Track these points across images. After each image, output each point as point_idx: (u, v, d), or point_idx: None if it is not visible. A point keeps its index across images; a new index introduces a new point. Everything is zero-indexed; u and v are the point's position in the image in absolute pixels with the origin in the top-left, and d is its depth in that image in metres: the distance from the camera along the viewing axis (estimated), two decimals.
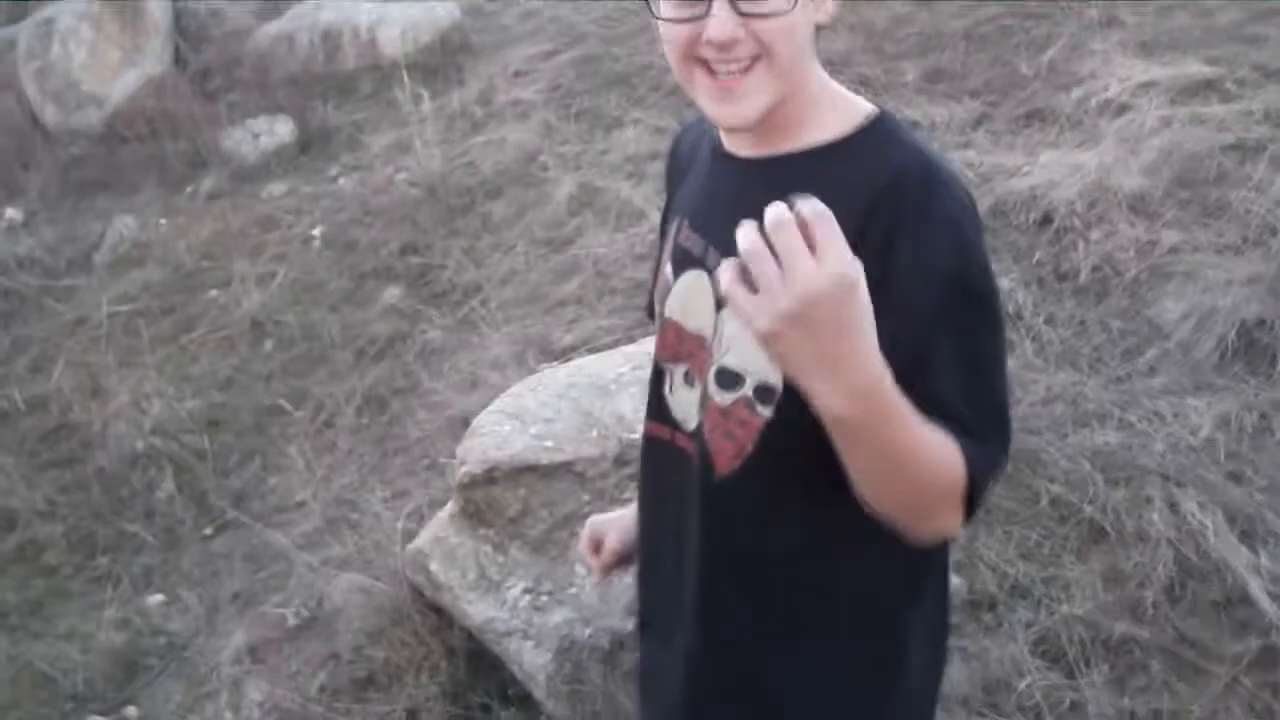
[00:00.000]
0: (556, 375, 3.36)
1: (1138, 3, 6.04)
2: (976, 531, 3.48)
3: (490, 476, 3.13)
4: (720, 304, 1.53)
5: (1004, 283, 4.45)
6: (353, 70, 7.27)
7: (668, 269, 1.67)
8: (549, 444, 3.13)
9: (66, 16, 7.37)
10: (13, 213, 6.74)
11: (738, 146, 1.58)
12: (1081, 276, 4.49)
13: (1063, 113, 5.45)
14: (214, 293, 5.75)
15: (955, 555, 3.39)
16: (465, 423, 3.64)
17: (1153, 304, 4.29)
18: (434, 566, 3.29)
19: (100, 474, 4.87)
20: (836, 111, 1.54)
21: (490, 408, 3.30)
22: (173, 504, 4.69)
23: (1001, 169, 5.10)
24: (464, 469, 3.14)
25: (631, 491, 2.91)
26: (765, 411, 1.51)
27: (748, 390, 1.52)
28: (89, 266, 6.21)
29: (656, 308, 1.71)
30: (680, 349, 1.63)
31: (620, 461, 3.11)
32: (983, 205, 4.80)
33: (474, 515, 3.22)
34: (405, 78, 6.53)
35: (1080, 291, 4.46)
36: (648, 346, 2.68)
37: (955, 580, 3.31)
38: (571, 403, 3.19)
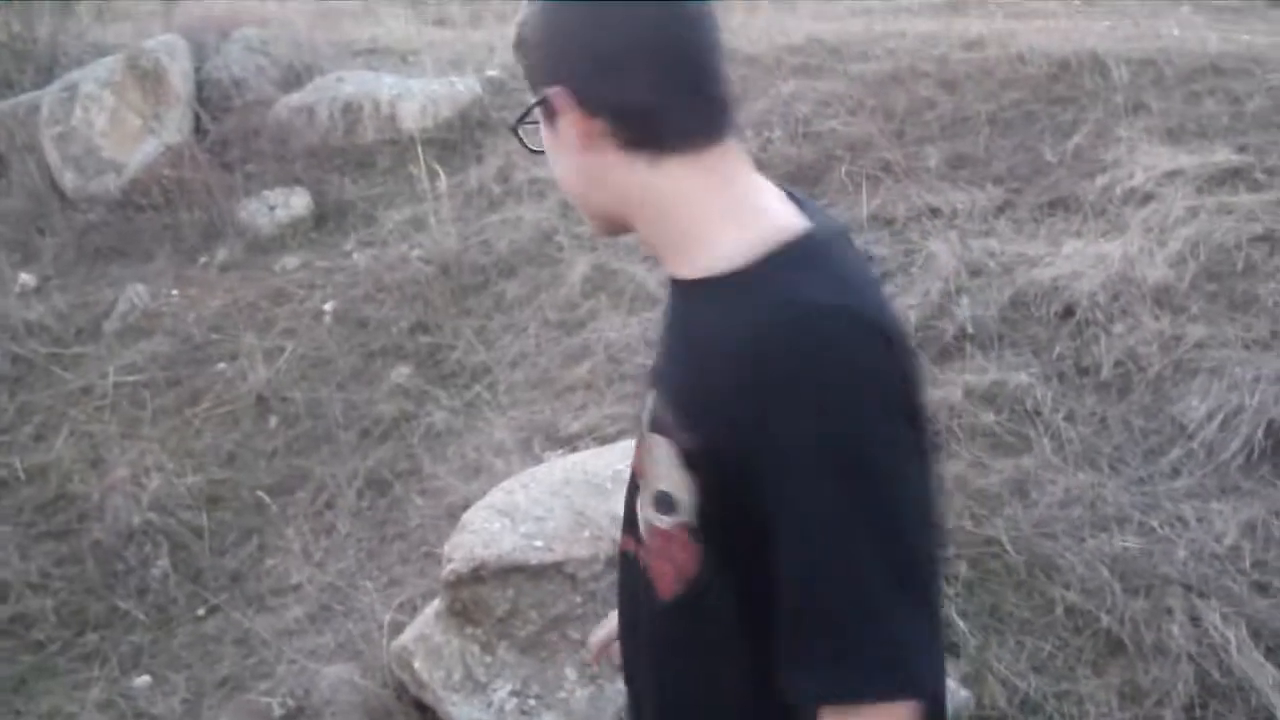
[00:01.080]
0: (551, 471, 3.26)
1: (1165, 88, 5.93)
2: (987, 641, 3.35)
3: (478, 575, 3.02)
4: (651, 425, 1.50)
5: (1022, 377, 4.35)
6: (371, 144, 7.22)
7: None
8: (539, 543, 3.02)
9: (89, 83, 7.37)
10: (26, 277, 6.70)
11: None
12: (1103, 371, 4.38)
13: (1087, 201, 5.36)
14: (221, 366, 5.68)
15: (964, 667, 3.26)
16: (466, 509, 3.54)
17: (1177, 401, 4.17)
18: (419, 664, 3.17)
19: (96, 547, 4.79)
20: (741, 233, 1.43)
21: (480, 503, 3.20)
22: (167, 582, 4.61)
23: (1023, 259, 5.00)
24: (450, 567, 3.04)
25: None
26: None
27: (686, 517, 1.43)
28: (98, 334, 6.15)
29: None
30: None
31: (613, 563, 3.00)
32: (1003, 296, 4.74)
33: (461, 614, 3.11)
34: (421, 154, 6.49)
35: (1102, 387, 4.34)
36: None
37: (963, 694, 3.18)
38: (565, 500, 3.08)
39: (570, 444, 3.99)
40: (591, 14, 1.45)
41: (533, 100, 1.52)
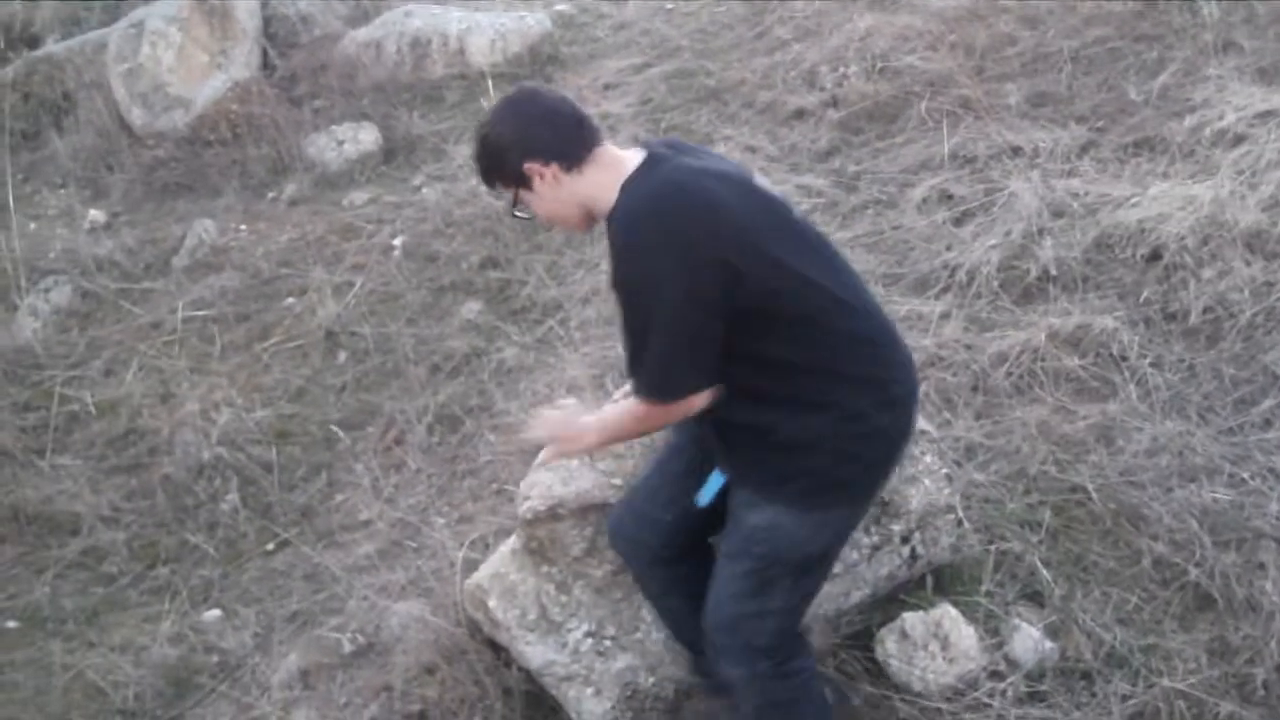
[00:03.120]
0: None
1: (1257, 26, 5.74)
2: (1072, 591, 3.28)
3: (555, 513, 2.96)
4: None
5: (1108, 321, 4.24)
6: (440, 79, 7.14)
7: None
8: (618, 481, 2.95)
9: (156, 19, 7.32)
10: (96, 214, 6.70)
11: None
12: (1192, 318, 4.27)
13: (1174, 142, 5.21)
14: (290, 301, 5.65)
15: (1048, 617, 3.19)
16: (538, 449, 3.49)
17: (1269, 350, 4.06)
18: (493, 603, 3.13)
19: (166, 482, 4.79)
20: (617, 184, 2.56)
21: None
22: (236, 517, 4.60)
23: (1108, 200, 4.88)
24: (528, 504, 2.98)
25: None
26: None
27: None
28: (167, 270, 6.13)
29: None
30: None
31: None
32: (1087, 238, 4.64)
33: (537, 552, 3.05)
34: (492, 87, 6.40)
35: (1190, 334, 4.23)
36: None
37: (1048, 644, 3.10)
38: (644, 438, 3.01)
39: None
40: (506, 128, 2.61)
41: (508, 189, 2.65)
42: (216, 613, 4.16)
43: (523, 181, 2.59)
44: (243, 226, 6.35)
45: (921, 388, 3.90)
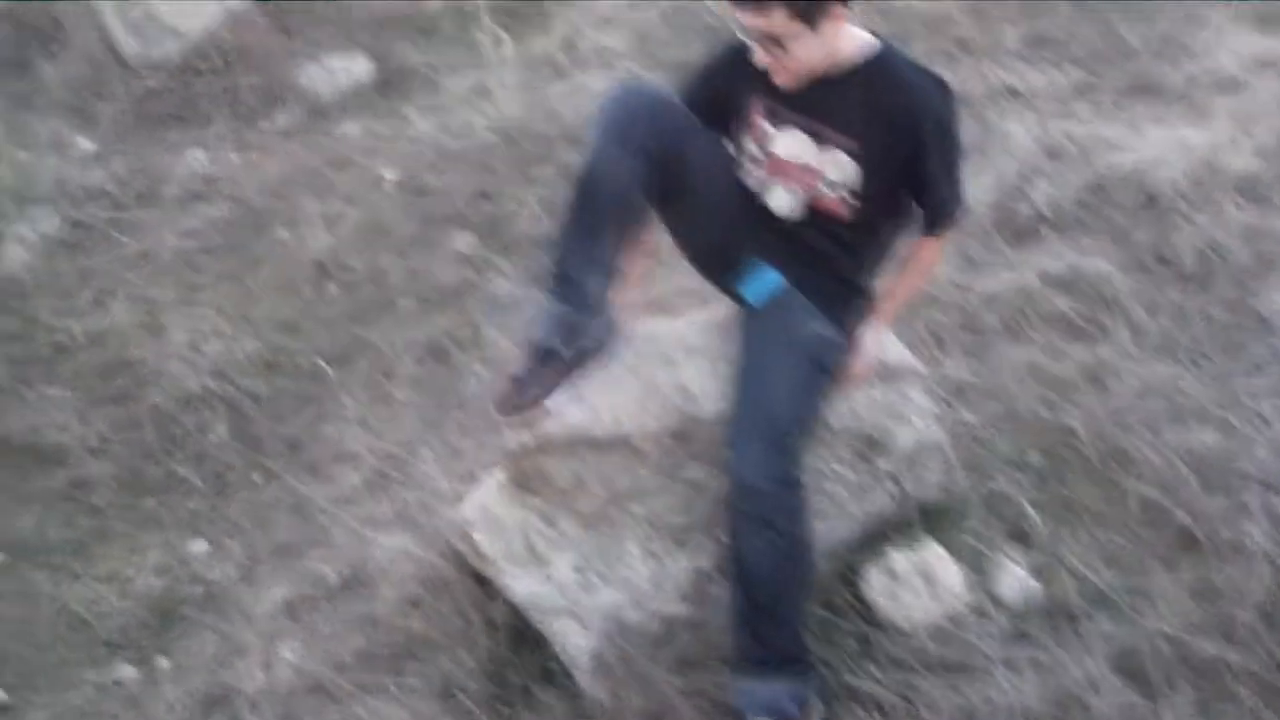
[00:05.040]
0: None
1: None
2: (1059, 532, 3.28)
3: (541, 448, 2.95)
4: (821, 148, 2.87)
5: (1100, 264, 4.24)
6: (434, 10, 7.05)
7: (771, 127, 2.92)
8: (606, 416, 2.93)
9: None
10: (85, 143, 6.61)
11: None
12: (1185, 262, 4.28)
13: (1171, 86, 5.21)
14: (281, 232, 5.60)
15: (1035, 558, 3.19)
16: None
17: (1260, 295, 4.06)
18: (479, 536, 3.12)
19: (154, 413, 4.74)
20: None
21: None
22: (225, 449, 4.56)
23: (1103, 142, 4.88)
24: (516, 437, 2.96)
25: (691, 470, 2.75)
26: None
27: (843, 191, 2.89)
28: (157, 199, 6.06)
29: (752, 146, 2.97)
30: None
31: (681, 437, 2.92)
32: (1081, 180, 4.63)
33: (524, 485, 3.04)
34: (486, 20, 6.33)
35: (1183, 278, 4.23)
36: (719, 313, 3.13)
37: (1033, 584, 3.11)
38: (632, 371, 2.99)
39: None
40: None
41: (791, 18, 2.65)
42: (203, 544, 4.14)
43: (812, 15, 2.65)
44: (234, 156, 6.28)
45: (914, 325, 3.92)
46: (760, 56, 2.77)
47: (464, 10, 6.92)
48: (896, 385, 3.17)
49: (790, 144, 2.89)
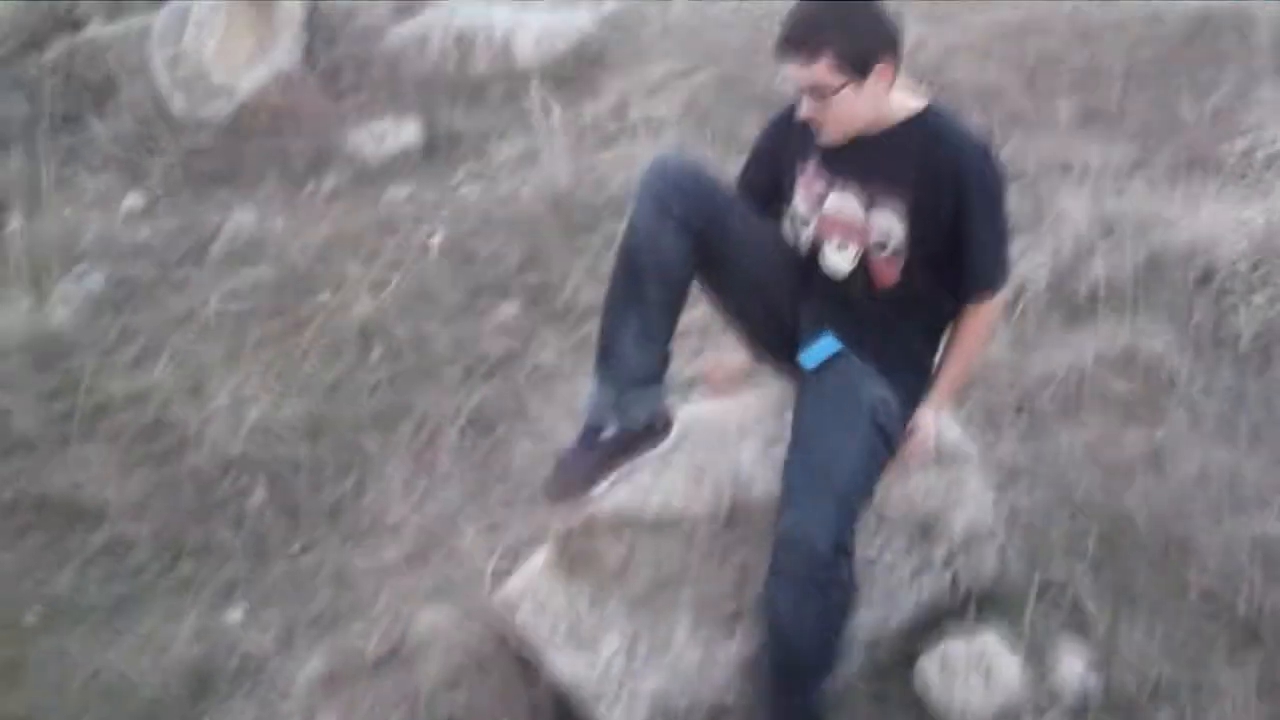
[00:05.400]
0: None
1: None
2: (1117, 621, 3.18)
3: (588, 528, 2.89)
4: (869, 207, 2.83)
5: (1157, 344, 4.16)
6: (484, 76, 7.05)
7: (819, 187, 2.91)
8: (655, 497, 2.87)
9: (202, 5, 7.26)
10: (133, 200, 6.65)
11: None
12: (1242, 343, 4.18)
13: (1227, 163, 5.12)
14: (325, 295, 5.57)
15: (1091, 650, 3.10)
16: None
17: None
18: (523, 615, 3.06)
19: (194, 475, 4.72)
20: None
21: None
22: (264, 514, 4.53)
23: (1158, 219, 4.79)
24: (561, 517, 2.91)
25: (741, 553, 2.67)
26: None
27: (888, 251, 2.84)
28: (203, 259, 6.06)
29: (802, 207, 2.95)
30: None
31: (731, 520, 2.85)
32: (1137, 257, 4.54)
33: (570, 566, 2.98)
34: (536, 86, 6.32)
35: (1241, 360, 4.15)
36: (771, 394, 3.11)
37: (1093, 677, 3.02)
38: (684, 452, 2.93)
39: (684, 391, 3.84)
40: (885, 14, 2.69)
41: (836, 70, 2.65)
42: (240, 611, 4.10)
43: (859, 72, 2.64)
44: (280, 218, 6.27)
45: (966, 407, 3.84)
46: (806, 110, 2.74)
47: (513, 75, 6.92)
48: (952, 468, 3.09)
49: (838, 202, 2.86)
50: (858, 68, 2.64)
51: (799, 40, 2.64)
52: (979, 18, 6.41)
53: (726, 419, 3.06)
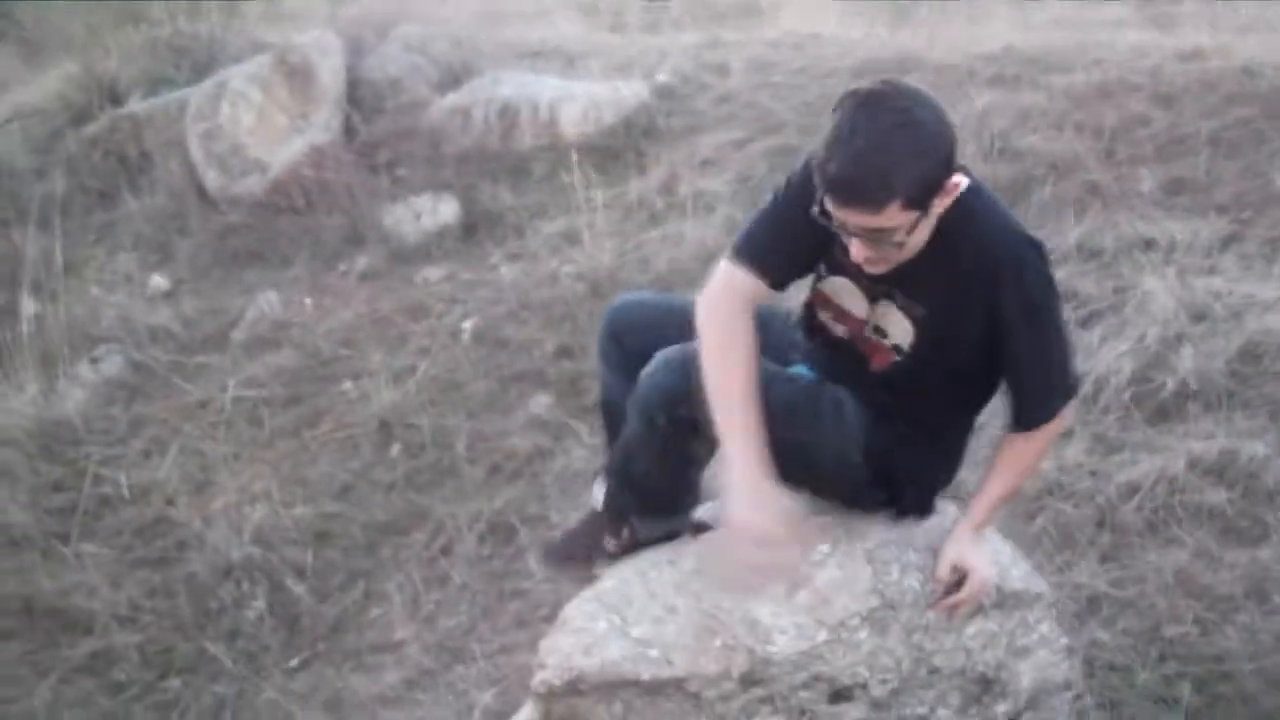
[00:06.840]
0: (680, 555, 2.65)
1: None
2: None
3: (574, 688, 2.44)
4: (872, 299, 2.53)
5: (1258, 447, 3.72)
6: (528, 150, 6.71)
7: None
8: (654, 653, 2.41)
9: (238, 79, 7.03)
10: (159, 280, 6.38)
11: None
12: None
13: None
14: (346, 385, 5.24)
15: None
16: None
17: None
18: None
19: (191, 580, 4.45)
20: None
21: (585, 594, 2.60)
22: (261, 625, 4.25)
23: (1255, 302, 4.40)
24: (541, 675, 2.46)
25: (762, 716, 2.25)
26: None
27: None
28: (224, 344, 5.77)
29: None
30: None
31: (749, 681, 2.39)
32: (1231, 346, 4.15)
33: None
34: (576, 162, 5.97)
35: None
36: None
37: None
38: (692, 599, 2.49)
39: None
40: (947, 128, 2.27)
41: (908, 210, 2.23)
42: None
43: (928, 200, 2.26)
44: (308, 300, 5.96)
45: (1037, 520, 3.42)
46: (857, 252, 2.34)
47: (558, 149, 6.58)
48: (1016, 612, 2.62)
49: (838, 284, 2.58)
50: (925, 201, 2.26)
51: (865, 194, 2.21)
52: (1053, 80, 5.98)
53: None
